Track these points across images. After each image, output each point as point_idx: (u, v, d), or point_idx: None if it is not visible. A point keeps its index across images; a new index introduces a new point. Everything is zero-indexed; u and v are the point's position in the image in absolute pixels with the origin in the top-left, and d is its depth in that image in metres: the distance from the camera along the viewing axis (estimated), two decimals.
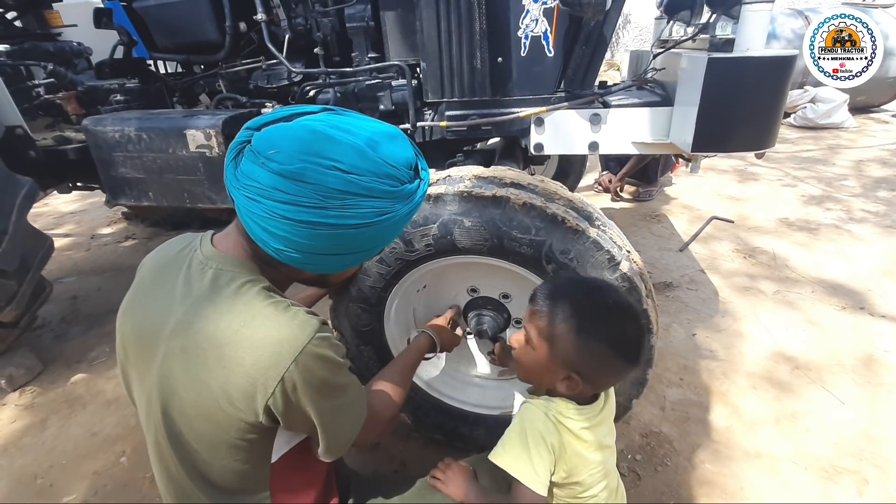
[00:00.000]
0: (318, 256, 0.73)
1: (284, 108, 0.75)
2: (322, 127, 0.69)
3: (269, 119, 0.73)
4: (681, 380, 1.88)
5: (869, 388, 1.83)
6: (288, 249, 0.71)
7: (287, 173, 0.65)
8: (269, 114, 0.74)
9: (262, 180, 0.66)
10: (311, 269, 0.78)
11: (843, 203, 3.57)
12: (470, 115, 1.56)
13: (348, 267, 0.81)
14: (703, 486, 1.48)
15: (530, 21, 1.40)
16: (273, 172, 0.66)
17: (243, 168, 0.69)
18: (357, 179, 0.67)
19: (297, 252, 0.71)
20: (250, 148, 0.69)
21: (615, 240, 1.18)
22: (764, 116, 1.27)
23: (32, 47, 2.32)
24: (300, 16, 1.75)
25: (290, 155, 0.66)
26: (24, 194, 1.84)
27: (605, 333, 0.86)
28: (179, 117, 1.69)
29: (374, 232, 0.72)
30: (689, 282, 2.57)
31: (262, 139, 0.69)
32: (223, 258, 0.77)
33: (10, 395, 1.99)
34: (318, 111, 0.75)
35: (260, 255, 0.78)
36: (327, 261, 0.75)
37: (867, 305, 2.33)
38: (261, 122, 0.73)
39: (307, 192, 0.66)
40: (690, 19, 1.64)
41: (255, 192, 0.67)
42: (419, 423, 1.57)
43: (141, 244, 3.42)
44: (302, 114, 0.74)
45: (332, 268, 0.79)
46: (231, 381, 0.69)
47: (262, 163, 0.66)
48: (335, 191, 0.66)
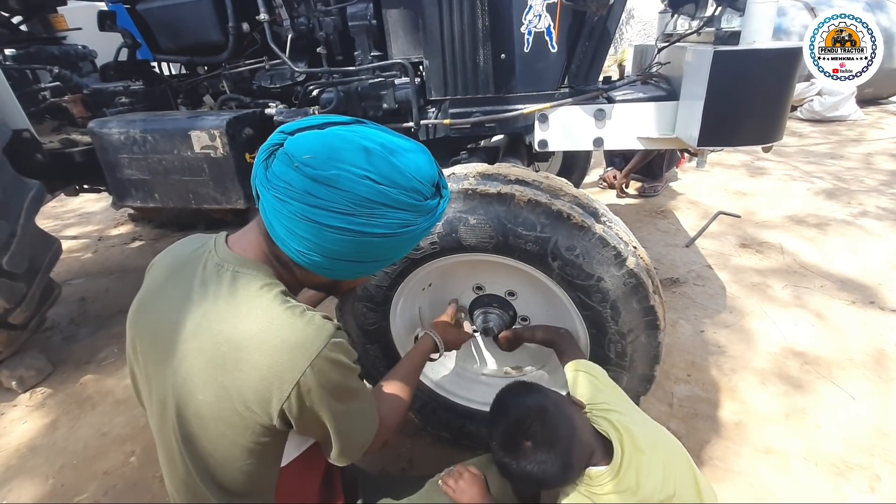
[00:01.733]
0: (337, 262, 0.74)
1: (318, 116, 0.78)
2: (356, 137, 0.71)
3: (302, 125, 0.75)
4: (688, 376, 1.87)
5: (880, 383, 1.81)
6: (310, 252, 0.72)
7: (321, 178, 0.67)
8: (302, 120, 0.76)
9: (295, 183, 0.68)
10: (328, 275, 0.79)
11: (853, 197, 3.53)
12: (473, 113, 1.55)
13: (363, 275, 0.83)
14: (713, 482, 1.47)
15: (533, 17, 1.39)
16: (306, 176, 0.67)
17: (275, 169, 0.70)
18: (387, 191, 0.69)
19: (318, 255, 0.72)
20: (284, 151, 0.71)
21: (621, 236, 1.17)
22: (771, 110, 1.26)
23: (38, 51, 2.34)
24: (303, 15, 1.75)
25: (324, 161, 0.68)
26: (32, 197, 1.85)
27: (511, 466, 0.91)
28: (184, 119, 1.70)
29: (395, 242, 0.74)
30: (696, 277, 2.56)
31: (297, 143, 0.70)
32: (240, 260, 0.78)
33: (21, 397, 2.01)
34: (350, 122, 0.77)
35: (278, 257, 0.79)
36: (346, 267, 0.76)
37: (877, 300, 2.30)
38: (294, 128, 0.74)
39: (338, 198, 0.67)
40: (695, 13, 1.63)
41: (285, 194, 0.69)
42: (427, 421, 1.57)
43: (148, 245, 3.44)
44: (334, 123, 0.76)
45: (348, 274, 0.80)
46: (248, 384, 0.70)
47: (295, 166, 0.68)
48: (365, 199, 0.68)
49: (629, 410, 1.05)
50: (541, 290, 1.33)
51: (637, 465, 0.92)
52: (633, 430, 0.97)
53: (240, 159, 1.66)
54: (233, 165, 1.64)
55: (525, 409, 0.95)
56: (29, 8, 2.48)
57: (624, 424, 0.97)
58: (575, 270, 1.14)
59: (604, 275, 1.14)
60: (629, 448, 0.94)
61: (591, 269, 1.13)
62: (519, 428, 0.92)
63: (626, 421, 0.99)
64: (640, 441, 0.95)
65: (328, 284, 0.89)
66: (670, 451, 0.99)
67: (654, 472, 0.92)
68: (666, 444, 1.00)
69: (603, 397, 1.05)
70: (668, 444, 1.01)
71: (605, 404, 1.03)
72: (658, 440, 0.99)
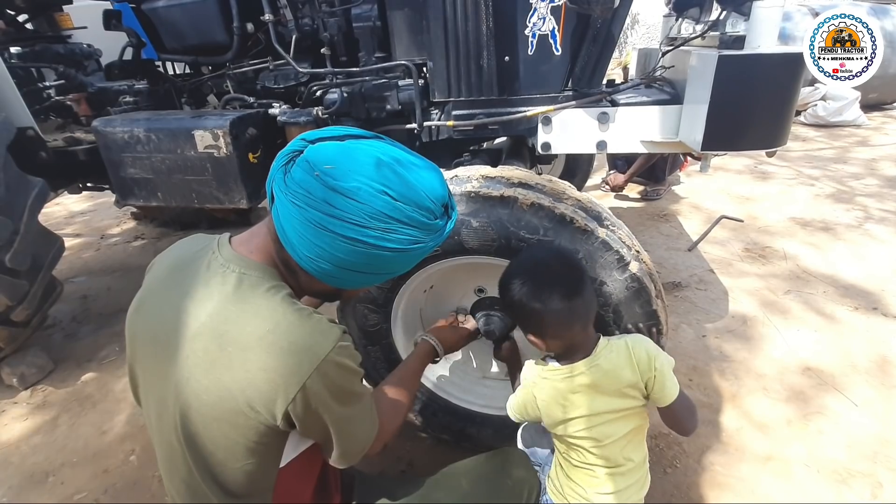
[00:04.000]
0: (345, 272, 0.75)
1: (338, 128, 0.79)
2: (375, 152, 0.73)
3: (324, 135, 0.76)
4: (690, 381, 1.86)
5: (883, 390, 1.81)
6: (319, 259, 0.73)
7: (340, 189, 0.69)
8: (324, 129, 0.78)
9: (314, 191, 0.69)
10: (332, 283, 0.79)
11: (857, 202, 3.52)
12: (477, 115, 1.55)
13: (367, 286, 0.84)
14: (714, 489, 1.46)
15: (538, 19, 1.39)
16: (326, 186, 0.69)
17: (294, 175, 0.71)
18: (402, 207, 0.71)
19: (327, 263, 0.73)
20: (304, 158, 0.72)
21: (624, 240, 1.17)
22: (775, 114, 1.26)
23: (43, 49, 2.34)
24: (307, 16, 1.75)
25: (345, 173, 0.69)
26: (36, 195, 1.86)
27: (518, 291, 0.97)
28: (188, 118, 1.70)
29: (403, 258, 0.76)
30: (699, 282, 2.55)
31: (318, 152, 0.72)
32: (246, 262, 0.78)
33: (22, 394, 2.01)
34: (370, 136, 0.78)
35: (285, 262, 0.80)
36: (351, 277, 0.77)
37: (881, 306, 2.29)
38: (315, 136, 0.76)
39: (355, 209, 0.69)
40: (700, 16, 1.62)
41: (303, 201, 0.70)
42: (427, 423, 1.56)
43: (150, 244, 3.45)
44: (354, 136, 0.77)
45: (353, 284, 0.81)
46: (253, 385, 0.70)
47: (316, 175, 0.69)
48: (382, 213, 0.70)
49: None
50: None
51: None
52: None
53: (243, 159, 1.66)
54: (236, 165, 1.64)
55: (573, 262, 1.02)
56: (35, 6, 2.49)
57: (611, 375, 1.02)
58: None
59: (606, 279, 1.13)
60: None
61: (593, 273, 1.13)
62: (568, 271, 0.98)
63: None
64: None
65: (329, 292, 0.90)
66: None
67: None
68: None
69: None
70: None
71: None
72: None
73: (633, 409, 0.99)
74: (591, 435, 0.99)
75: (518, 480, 1.07)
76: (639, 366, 0.97)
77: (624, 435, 1.00)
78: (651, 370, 0.96)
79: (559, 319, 0.96)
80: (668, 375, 0.97)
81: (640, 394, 0.98)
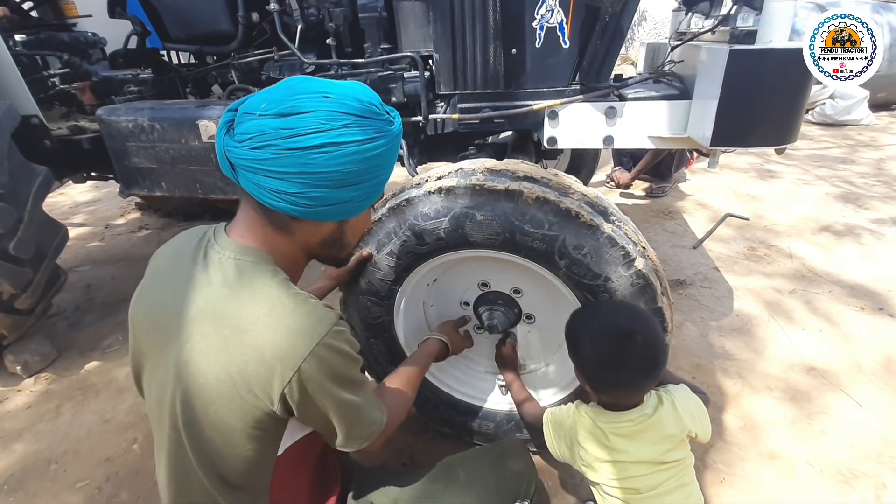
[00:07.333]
0: (334, 191, 0.74)
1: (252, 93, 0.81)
2: (296, 80, 0.75)
3: (243, 99, 0.77)
4: (693, 378, 1.85)
5: (888, 390, 1.79)
6: (304, 191, 0.72)
7: (285, 111, 0.70)
8: (242, 98, 0.79)
9: (265, 127, 0.70)
10: (328, 217, 0.79)
11: (864, 202, 3.49)
12: (483, 108, 1.54)
13: (361, 208, 0.83)
14: (716, 487, 1.46)
15: (546, 11, 1.37)
16: (272, 115, 0.70)
17: (239, 130, 0.71)
18: (346, 101, 0.73)
19: (314, 189, 0.72)
20: (241, 113, 0.73)
21: (630, 236, 1.16)
22: (786, 111, 1.24)
23: (48, 37, 2.34)
24: (312, 6, 1.74)
25: (281, 100, 0.71)
26: (40, 183, 1.86)
27: (593, 354, 0.99)
28: (192, 108, 1.70)
29: (377, 154, 0.75)
30: (703, 280, 2.54)
31: (248, 105, 0.73)
32: (241, 248, 0.78)
33: (26, 382, 2.02)
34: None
35: (275, 226, 0.79)
36: (342, 197, 0.75)
37: (887, 307, 2.27)
38: (238, 104, 0.76)
39: (309, 119, 0.70)
40: (710, 11, 1.60)
41: (261, 141, 0.70)
42: (428, 417, 1.56)
43: (154, 234, 3.45)
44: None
45: (347, 209, 0.79)
46: (250, 368, 0.71)
47: (259, 115, 0.70)
48: (332, 111, 0.71)
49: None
50: (547, 289, 1.31)
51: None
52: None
53: None
54: None
55: (658, 341, 1.00)
56: None
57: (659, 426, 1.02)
58: (582, 270, 1.12)
59: (611, 275, 1.12)
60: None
61: (598, 269, 1.12)
62: (649, 353, 0.96)
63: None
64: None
65: (333, 241, 0.87)
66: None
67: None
68: None
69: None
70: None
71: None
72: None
73: (677, 461, 1.00)
74: (633, 486, 0.99)
75: (515, 473, 1.07)
76: (683, 420, 1.00)
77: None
78: (694, 427, 1.01)
79: (629, 391, 1.00)
80: (707, 430, 1.04)
81: (683, 444, 1.01)
